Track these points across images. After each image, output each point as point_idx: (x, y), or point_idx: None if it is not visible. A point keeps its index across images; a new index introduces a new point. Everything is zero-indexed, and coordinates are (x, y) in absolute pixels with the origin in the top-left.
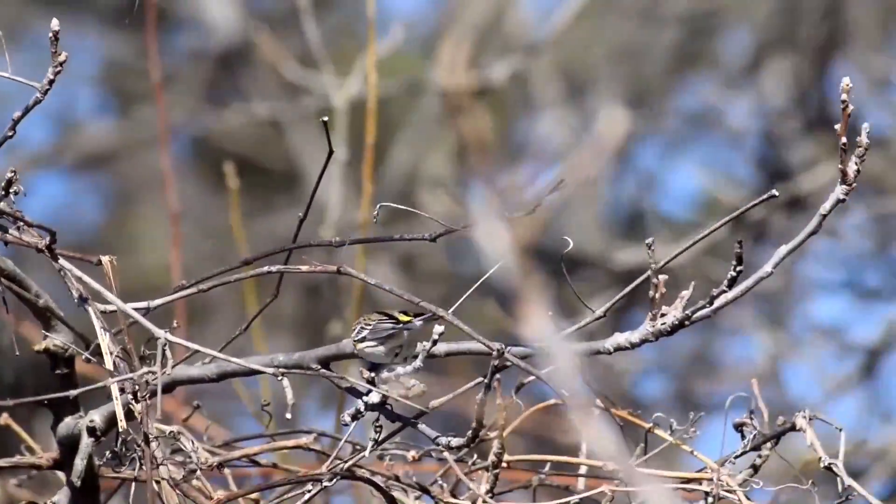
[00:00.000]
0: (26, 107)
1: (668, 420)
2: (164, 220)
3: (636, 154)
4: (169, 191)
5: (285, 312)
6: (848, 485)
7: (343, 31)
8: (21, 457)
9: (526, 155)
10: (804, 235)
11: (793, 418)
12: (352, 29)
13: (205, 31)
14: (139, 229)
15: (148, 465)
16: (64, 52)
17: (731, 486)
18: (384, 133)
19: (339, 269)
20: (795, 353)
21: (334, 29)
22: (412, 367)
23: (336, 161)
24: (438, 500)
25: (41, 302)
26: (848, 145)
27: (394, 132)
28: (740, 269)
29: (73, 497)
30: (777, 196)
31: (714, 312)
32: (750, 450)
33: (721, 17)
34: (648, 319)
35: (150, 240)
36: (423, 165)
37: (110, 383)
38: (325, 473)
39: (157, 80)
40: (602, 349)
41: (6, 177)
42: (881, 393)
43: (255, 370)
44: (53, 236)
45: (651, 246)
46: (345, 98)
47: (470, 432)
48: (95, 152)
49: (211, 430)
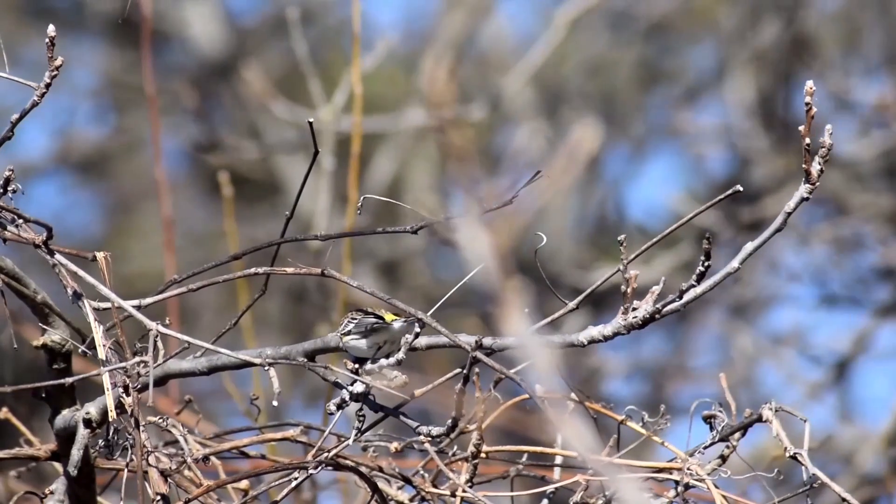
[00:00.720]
0: (24, 109)
1: (640, 413)
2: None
3: (607, 165)
4: (162, 199)
5: (274, 316)
6: (812, 473)
7: (328, 44)
8: (20, 448)
9: (504, 165)
10: (769, 233)
11: (759, 410)
12: (338, 43)
13: (189, 47)
14: (134, 236)
15: (138, 454)
16: (60, 58)
17: (700, 475)
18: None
19: (324, 272)
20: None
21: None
22: (395, 360)
23: (323, 172)
24: (420, 490)
25: (39, 298)
26: (811, 146)
27: (378, 143)
28: (708, 264)
29: (69, 486)
30: (741, 191)
31: (684, 306)
32: (718, 441)
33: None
34: (621, 313)
35: (144, 246)
36: (407, 175)
37: (102, 373)
38: (312, 462)
39: (150, 93)
40: (576, 342)
41: (4, 175)
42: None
43: (244, 362)
44: (50, 232)
45: (623, 243)
46: (331, 111)
47: (449, 421)
48: (92, 162)
49: (201, 426)
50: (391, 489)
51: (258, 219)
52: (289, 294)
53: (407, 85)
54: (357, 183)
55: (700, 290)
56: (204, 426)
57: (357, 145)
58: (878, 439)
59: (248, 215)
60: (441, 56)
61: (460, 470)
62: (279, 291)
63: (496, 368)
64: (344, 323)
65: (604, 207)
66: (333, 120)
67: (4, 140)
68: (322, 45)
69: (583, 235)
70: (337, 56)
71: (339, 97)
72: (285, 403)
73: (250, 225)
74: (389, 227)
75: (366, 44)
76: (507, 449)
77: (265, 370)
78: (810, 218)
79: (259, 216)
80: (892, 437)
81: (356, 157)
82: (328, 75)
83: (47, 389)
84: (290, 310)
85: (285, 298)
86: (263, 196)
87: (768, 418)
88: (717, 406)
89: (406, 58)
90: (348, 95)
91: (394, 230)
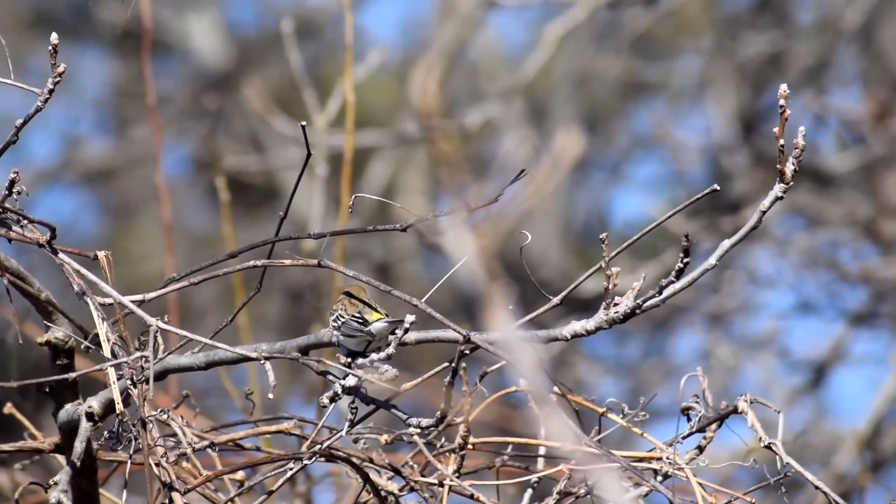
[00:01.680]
0: (27, 114)
1: (621, 405)
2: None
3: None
4: (163, 204)
5: (271, 317)
6: (786, 462)
7: (327, 58)
8: (24, 442)
9: (491, 171)
10: (745, 230)
11: (735, 402)
12: (336, 56)
13: (191, 58)
14: (137, 240)
15: (145, 446)
16: (63, 64)
17: (679, 464)
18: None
19: (320, 263)
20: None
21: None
22: (385, 354)
23: (317, 178)
24: (409, 480)
25: (43, 296)
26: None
27: (371, 151)
28: (687, 261)
29: (72, 477)
30: (718, 190)
31: (663, 301)
32: (696, 431)
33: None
34: (602, 308)
35: (146, 250)
36: (399, 181)
37: (107, 367)
38: (305, 453)
39: (151, 103)
40: (560, 336)
41: (9, 177)
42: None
43: (240, 357)
44: (53, 232)
45: (604, 241)
46: (325, 119)
47: (438, 413)
48: (97, 168)
49: (199, 420)
50: (382, 479)
51: (257, 223)
52: (285, 295)
53: (399, 95)
54: (350, 188)
55: (679, 286)
56: (201, 420)
57: (349, 151)
58: (854, 441)
59: (248, 220)
60: (431, 67)
61: (448, 461)
62: (276, 293)
63: (491, 351)
64: (334, 315)
65: (588, 217)
66: (327, 127)
67: (9, 144)
68: (321, 59)
69: (568, 245)
70: (335, 69)
71: (333, 105)
72: (284, 399)
73: (249, 229)
74: (380, 226)
75: (362, 56)
76: (492, 440)
77: (261, 364)
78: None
79: (258, 221)
80: (867, 439)
81: (349, 163)
82: (327, 87)
83: (51, 384)
84: (286, 311)
85: (282, 300)
86: (262, 202)
87: (744, 409)
88: (694, 399)
89: (399, 69)
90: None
91: (384, 228)
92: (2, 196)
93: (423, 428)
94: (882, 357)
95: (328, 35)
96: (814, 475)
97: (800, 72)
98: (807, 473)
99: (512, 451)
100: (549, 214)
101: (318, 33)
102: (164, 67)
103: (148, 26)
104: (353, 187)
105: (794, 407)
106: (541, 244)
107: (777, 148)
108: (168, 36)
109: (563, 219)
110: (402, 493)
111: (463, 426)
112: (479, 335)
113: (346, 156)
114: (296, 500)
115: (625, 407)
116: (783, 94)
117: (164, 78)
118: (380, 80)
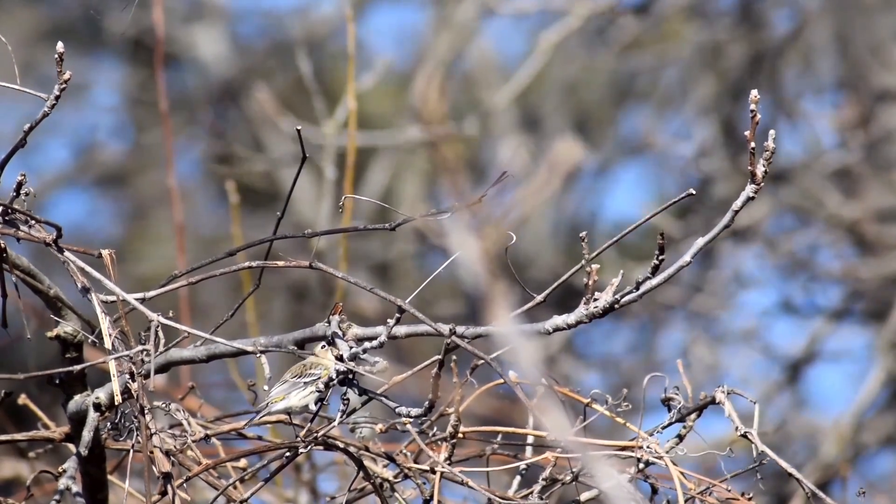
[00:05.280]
0: (35, 119)
1: (605, 396)
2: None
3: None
4: (175, 206)
5: (277, 314)
6: (761, 451)
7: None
8: (37, 431)
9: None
10: (718, 229)
11: (713, 393)
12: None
13: (199, 68)
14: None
15: (143, 435)
16: (68, 72)
17: (659, 452)
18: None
19: (311, 265)
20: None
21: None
22: (376, 343)
23: (325, 181)
24: (402, 467)
25: (52, 293)
26: (756, 149)
27: (374, 156)
28: (662, 258)
29: (81, 465)
30: (694, 194)
31: (640, 297)
32: (676, 421)
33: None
34: (583, 303)
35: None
36: (400, 185)
37: (108, 360)
38: (302, 441)
39: (163, 110)
40: (542, 330)
41: (17, 179)
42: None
43: (239, 350)
44: (59, 232)
45: (584, 239)
46: (332, 125)
47: (427, 403)
48: (112, 172)
49: (203, 410)
50: (377, 467)
51: (264, 225)
52: (291, 293)
53: (401, 102)
54: (352, 191)
55: (655, 282)
56: (206, 410)
57: (352, 156)
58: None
59: (255, 222)
60: (432, 75)
61: (440, 450)
62: (282, 291)
63: (470, 351)
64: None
65: (579, 219)
66: (334, 133)
67: (17, 148)
68: (325, 70)
69: (560, 246)
70: (337, 78)
71: (340, 112)
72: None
73: (256, 230)
74: (370, 225)
75: (365, 65)
76: (482, 429)
77: (257, 357)
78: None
79: (265, 223)
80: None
81: (351, 167)
82: (329, 96)
83: (61, 376)
84: (292, 308)
85: (287, 297)
86: (268, 204)
87: (721, 400)
88: (674, 390)
89: (401, 77)
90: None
91: (373, 227)
92: (10, 197)
93: (413, 417)
94: (860, 354)
95: (329, 47)
96: (793, 465)
97: (778, 78)
98: (781, 461)
99: (502, 440)
100: (542, 216)
101: (320, 45)
102: (175, 76)
103: (160, 37)
104: (356, 191)
105: (774, 400)
106: (535, 244)
107: (748, 150)
108: (176, 46)
109: (554, 221)
110: (396, 480)
111: (454, 416)
112: (465, 329)
113: (349, 160)
114: (301, 488)
115: (608, 398)
116: (754, 100)
117: (176, 85)
118: (382, 89)
